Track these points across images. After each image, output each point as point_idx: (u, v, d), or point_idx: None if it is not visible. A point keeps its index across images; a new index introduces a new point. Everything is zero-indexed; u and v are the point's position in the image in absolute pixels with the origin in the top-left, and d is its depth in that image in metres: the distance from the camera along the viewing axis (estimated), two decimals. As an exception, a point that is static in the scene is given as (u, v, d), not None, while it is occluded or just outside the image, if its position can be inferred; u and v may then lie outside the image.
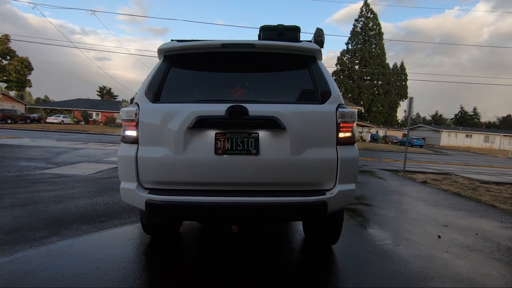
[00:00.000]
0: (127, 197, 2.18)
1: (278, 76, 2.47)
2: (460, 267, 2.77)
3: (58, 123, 35.06)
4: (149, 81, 2.26)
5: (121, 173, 2.21)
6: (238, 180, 2.12)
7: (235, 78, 2.39)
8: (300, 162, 2.11)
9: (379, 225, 3.97)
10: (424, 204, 5.32)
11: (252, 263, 2.67)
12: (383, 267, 2.69)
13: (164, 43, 2.39)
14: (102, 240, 2.97)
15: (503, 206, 5.37)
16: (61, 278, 2.20)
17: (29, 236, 2.94)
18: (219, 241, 3.16)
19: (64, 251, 2.66)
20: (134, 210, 4.00)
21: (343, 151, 2.17)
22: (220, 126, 2.08)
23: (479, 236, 3.68)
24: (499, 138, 48.25)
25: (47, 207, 3.93)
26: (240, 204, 2.02)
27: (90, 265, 2.42)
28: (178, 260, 2.65)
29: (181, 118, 2.09)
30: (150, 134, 2.15)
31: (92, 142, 15.73)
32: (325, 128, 2.16)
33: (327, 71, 2.35)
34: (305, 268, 2.64)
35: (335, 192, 2.13)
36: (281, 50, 2.33)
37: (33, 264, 2.39)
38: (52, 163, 7.89)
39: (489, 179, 9.24)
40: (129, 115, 2.17)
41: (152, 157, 2.13)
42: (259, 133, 2.11)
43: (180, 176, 2.12)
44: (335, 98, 2.23)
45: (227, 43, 2.25)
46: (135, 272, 2.37)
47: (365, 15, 47.84)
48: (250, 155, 2.09)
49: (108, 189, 5.22)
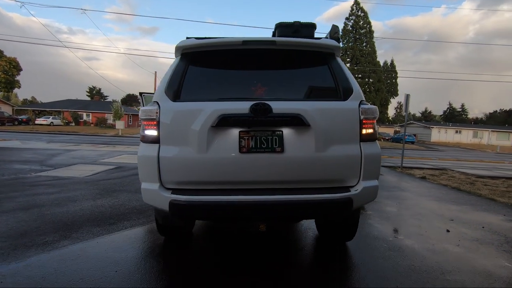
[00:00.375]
0: (149, 198, 2.13)
1: (298, 73, 2.46)
2: (474, 260, 2.82)
3: (48, 124, 34.26)
4: (168, 80, 2.21)
5: (142, 174, 2.15)
6: (262, 179, 2.10)
7: (255, 76, 2.36)
8: (325, 159, 2.10)
9: (388, 220, 4.01)
10: (427, 199, 5.41)
11: (269, 260, 2.65)
12: (400, 262, 2.71)
13: (182, 40, 2.34)
14: (115, 242, 2.90)
15: (503, 200, 5.50)
16: (81, 283, 2.14)
17: (39, 240, 2.85)
18: (232, 240, 3.13)
19: (79, 254, 2.59)
20: (142, 212, 3.93)
21: (367, 148, 2.17)
22: (244, 124, 2.05)
23: (486, 230, 3.75)
24: (487, 133, 49.50)
25: (51, 210, 3.83)
26: (269, 203, 1.99)
27: (108, 268, 2.36)
28: (195, 259, 2.62)
29: (204, 117, 2.05)
30: (171, 133, 2.10)
31: (84, 143, 15.43)
32: (348, 125, 2.15)
33: (346, 68, 2.35)
34: (322, 265, 2.64)
35: (360, 188, 2.13)
36: (301, 47, 2.32)
37: (48, 269, 2.31)
38: (46, 165, 7.70)
39: (484, 173, 9.46)
40: (150, 114, 2.12)
41: (175, 157, 2.08)
42: (283, 130, 2.09)
43: (204, 175, 2.08)
44: (356, 94, 2.23)
45: (248, 40, 2.22)
46: (155, 274, 2.33)
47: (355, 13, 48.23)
48: (275, 153, 2.07)
49: (110, 190, 5.12)
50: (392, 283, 2.34)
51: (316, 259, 2.85)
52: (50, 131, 25.40)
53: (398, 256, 2.85)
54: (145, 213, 3.87)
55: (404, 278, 2.41)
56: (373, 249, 3.00)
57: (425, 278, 2.43)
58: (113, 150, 12.34)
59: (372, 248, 3.03)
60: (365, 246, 3.07)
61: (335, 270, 2.56)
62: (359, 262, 2.70)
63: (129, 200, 4.51)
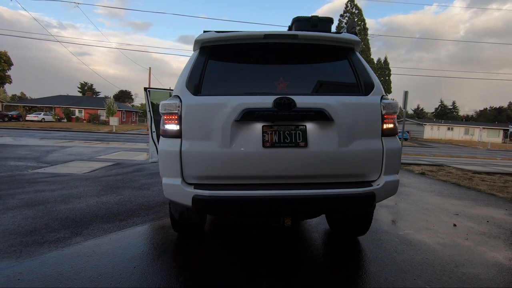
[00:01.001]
0: (171, 193, 2.09)
1: (319, 67, 2.44)
2: (485, 253, 2.87)
3: (39, 121, 33.53)
4: (189, 73, 2.17)
5: (163, 168, 2.12)
6: (286, 173, 2.09)
7: (277, 70, 2.33)
8: (348, 154, 2.10)
9: (395, 215, 4.06)
10: (430, 195, 5.48)
11: (285, 255, 2.65)
12: (414, 256, 2.74)
13: (201, 34, 2.30)
14: (129, 238, 2.86)
15: (502, 195, 5.62)
16: (101, 279, 2.11)
17: (50, 237, 2.80)
18: (245, 235, 3.12)
19: (93, 251, 2.55)
20: (150, 208, 3.89)
21: (388, 142, 2.18)
22: (268, 118, 2.03)
23: (491, 224, 3.83)
24: (478, 130, 50.42)
25: (56, 207, 3.76)
26: (293, 198, 1.99)
27: (126, 265, 2.33)
28: (210, 254, 2.60)
29: (228, 111, 2.02)
30: (194, 127, 2.07)
31: (78, 140, 15.18)
32: (370, 120, 2.15)
33: (366, 63, 2.34)
34: (339, 259, 2.66)
35: (382, 183, 2.14)
36: (322, 41, 2.30)
37: (65, 266, 2.27)
38: (43, 162, 7.55)
39: (479, 169, 9.64)
40: (171, 108, 2.08)
41: (198, 151, 2.05)
42: (306, 125, 2.08)
43: (227, 170, 2.06)
44: (378, 89, 2.22)
45: (269, 34, 2.19)
46: (174, 270, 2.31)
47: (350, 10, 48.36)
48: (299, 147, 2.06)
49: (113, 187, 5.05)
50: (409, 275, 2.37)
51: (331, 253, 2.86)
52: (42, 128, 24.89)
53: (410, 250, 2.88)
54: (154, 209, 3.84)
55: (420, 271, 2.44)
56: (385, 243, 3.03)
57: (441, 271, 2.47)
58: (109, 147, 12.17)
59: (384, 242, 3.05)
60: (377, 240, 3.09)
61: (353, 264, 2.58)
62: (375, 256, 2.72)
63: (134, 196, 4.46)
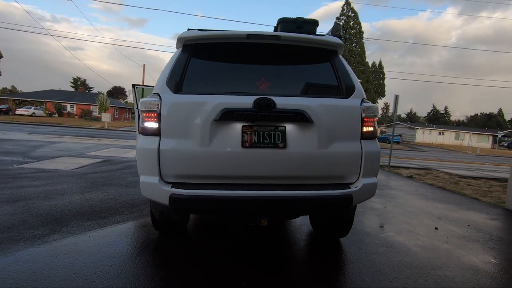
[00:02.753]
0: (148, 192, 2.08)
1: (301, 69, 2.45)
2: (463, 257, 2.92)
3: (29, 115, 32.96)
4: (170, 71, 2.16)
5: (141, 167, 2.10)
6: (264, 174, 2.09)
7: (259, 70, 2.33)
8: (327, 156, 2.11)
9: (379, 217, 4.10)
10: (415, 198, 5.55)
11: (265, 255, 2.66)
12: (393, 258, 2.77)
13: (184, 31, 2.29)
14: (108, 237, 2.83)
15: (485, 199, 5.72)
16: (75, 277, 2.08)
17: (27, 234, 2.75)
18: (227, 235, 3.12)
19: (70, 249, 2.51)
20: (133, 206, 3.86)
21: (367, 145, 2.20)
22: (248, 118, 2.03)
23: (472, 227, 3.89)
24: (468, 135, 51.31)
25: (38, 204, 3.69)
26: (270, 198, 1.99)
27: (102, 263, 2.30)
28: (190, 254, 2.59)
29: (207, 110, 2.02)
30: (173, 126, 2.06)
31: (69, 135, 14.97)
32: (350, 122, 2.17)
33: (348, 66, 2.36)
34: (319, 260, 2.67)
35: (360, 185, 2.15)
36: (305, 43, 2.31)
37: (39, 263, 2.23)
38: (29, 157, 7.43)
39: (466, 174, 9.80)
40: (150, 106, 2.07)
41: (176, 150, 2.04)
42: (286, 126, 2.08)
43: (205, 169, 2.06)
44: (359, 92, 2.24)
45: (252, 34, 2.19)
46: (152, 269, 2.29)
47: (346, 13, 48.67)
48: (278, 148, 2.06)
49: (98, 184, 4.99)
50: (386, 277, 2.39)
51: (312, 254, 2.88)
52: (32, 122, 24.46)
53: (390, 252, 2.91)
54: (137, 207, 3.80)
55: (398, 273, 2.47)
56: (366, 245, 3.06)
57: (417, 273, 2.50)
58: (100, 143, 12.03)
59: (365, 244, 3.08)
60: (359, 242, 3.12)
61: (332, 265, 2.60)
62: (354, 258, 2.74)
63: (119, 194, 4.41)
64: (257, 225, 2.11)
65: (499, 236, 3.62)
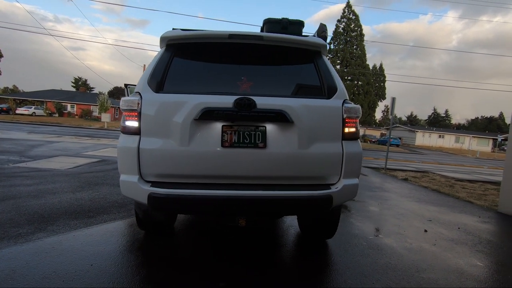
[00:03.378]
0: (128, 190, 2.08)
1: (283, 69, 2.45)
2: (449, 259, 2.91)
3: (29, 114, 33.05)
4: (151, 70, 2.17)
5: (121, 165, 2.11)
6: (244, 174, 2.09)
7: (241, 70, 2.34)
8: (307, 156, 2.11)
9: (369, 219, 4.08)
10: (408, 200, 5.54)
11: (251, 255, 2.65)
12: (378, 260, 2.76)
13: (167, 31, 2.30)
14: (93, 236, 2.83)
15: (479, 202, 5.70)
16: (54, 276, 2.07)
17: (12, 232, 2.75)
18: (213, 235, 3.11)
19: (53, 247, 2.51)
20: (123, 205, 3.86)
21: (348, 146, 2.20)
22: (228, 118, 2.03)
23: (462, 230, 3.88)
24: (468, 139, 51.20)
25: (27, 202, 3.70)
26: (247, 198, 1.99)
27: (83, 262, 2.30)
28: (173, 255, 2.58)
29: (187, 109, 2.02)
30: (153, 125, 2.06)
31: (67, 135, 15.00)
32: (331, 123, 2.17)
33: (332, 67, 2.36)
34: (303, 262, 2.66)
35: (340, 186, 2.15)
36: (288, 43, 2.31)
37: (20, 261, 2.23)
38: (26, 156, 7.44)
39: (463, 177, 9.77)
40: (131, 104, 2.07)
41: (156, 149, 2.04)
42: (266, 126, 2.09)
43: (185, 169, 2.06)
44: (341, 93, 2.24)
45: (234, 34, 2.19)
46: (132, 268, 2.29)
47: (347, 16, 48.75)
48: (258, 148, 2.06)
49: (91, 183, 5.00)
50: (369, 279, 2.38)
51: (297, 255, 2.87)
52: (32, 122, 24.54)
53: (376, 254, 2.90)
54: (127, 206, 3.80)
55: (381, 275, 2.46)
56: (353, 247, 3.05)
57: (401, 275, 2.49)
58: (98, 143, 12.05)
59: (352, 246, 3.07)
60: (345, 244, 3.11)
61: (315, 266, 2.58)
62: (339, 259, 2.73)
63: (110, 193, 4.41)
64: (235, 225, 2.10)
65: (488, 239, 3.61)
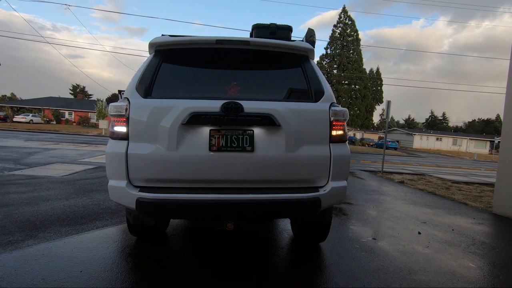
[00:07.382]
0: (116, 196, 2.08)
1: (271, 74, 2.48)
2: (441, 261, 2.90)
3: (27, 122, 33.05)
4: (140, 76, 2.19)
5: (109, 171, 2.11)
6: (232, 177, 2.10)
7: (229, 75, 2.36)
8: (295, 160, 2.12)
9: (363, 222, 4.08)
10: (403, 203, 5.54)
11: (243, 259, 2.64)
12: (370, 262, 2.76)
13: (156, 37, 2.32)
14: (84, 242, 2.82)
15: (474, 204, 5.72)
16: (42, 282, 2.06)
17: (2, 240, 2.74)
18: (206, 240, 3.10)
19: (43, 254, 2.50)
20: (116, 212, 3.84)
21: (336, 149, 2.21)
22: (215, 122, 2.05)
23: (456, 232, 3.88)
24: (466, 141, 51.38)
25: (20, 210, 3.68)
26: (236, 202, 1.99)
27: (73, 268, 2.29)
28: (165, 261, 2.57)
29: (175, 114, 2.04)
30: (141, 130, 2.07)
31: (64, 142, 14.98)
32: (318, 126, 2.19)
33: (319, 70, 2.39)
34: (294, 265, 2.66)
35: (328, 189, 2.16)
36: (275, 48, 2.34)
37: (8, 269, 2.22)
38: (22, 164, 7.43)
39: (460, 179, 9.79)
40: (119, 110, 2.09)
41: (144, 154, 2.05)
42: (254, 130, 2.10)
43: (173, 173, 2.06)
44: (328, 96, 2.27)
45: (221, 39, 2.22)
46: (122, 275, 2.27)
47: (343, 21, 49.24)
48: (245, 152, 2.07)
49: (86, 190, 4.99)
50: (360, 282, 2.38)
51: (289, 259, 2.86)
52: (29, 129, 24.50)
53: (369, 257, 2.90)
54: (119, 213, 3.79)
55: (372, 278, 2.46)
56: (345, 250, 3.04)
57: (392, 278, 2.48)
58: (95, 150, 12.03)
59: (345, 249, 3.07)
60: (338, 247, 3.10)
61: (307, 269, 2.58)
62: (331, 263, 2.73)
63: (104, 200, 4.40)
64: (223, 229, 2.11)
65: (481, 241, 3.61)
